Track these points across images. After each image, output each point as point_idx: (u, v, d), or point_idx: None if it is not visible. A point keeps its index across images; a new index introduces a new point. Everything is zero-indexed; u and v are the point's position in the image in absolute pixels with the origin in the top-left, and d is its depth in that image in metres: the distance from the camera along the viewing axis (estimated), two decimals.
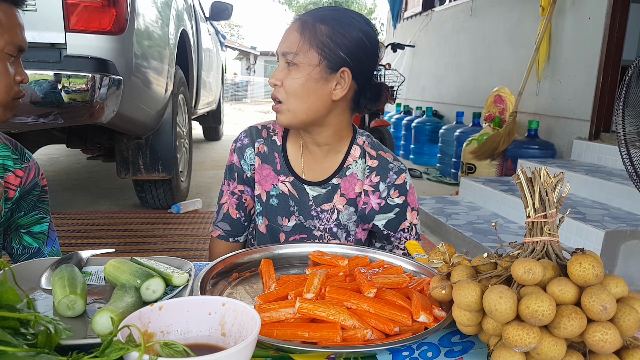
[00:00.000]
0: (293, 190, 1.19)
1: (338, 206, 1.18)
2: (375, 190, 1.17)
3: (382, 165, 1.18)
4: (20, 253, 1.16)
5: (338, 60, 1.05)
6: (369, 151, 1.19)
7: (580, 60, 4.42)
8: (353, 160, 1.18)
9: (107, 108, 2.60)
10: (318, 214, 1.19)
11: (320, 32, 1.04)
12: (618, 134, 2.44)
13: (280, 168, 1.20)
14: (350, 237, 1.19)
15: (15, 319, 0.53)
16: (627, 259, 2.77)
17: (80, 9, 2.47)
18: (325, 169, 1.19)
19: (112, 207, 4.05)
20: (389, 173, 1.17)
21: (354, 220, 1.18)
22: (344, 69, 1.06)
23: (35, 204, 1.17)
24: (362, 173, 1.17)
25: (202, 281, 0.81)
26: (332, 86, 1.07)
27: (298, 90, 1.06)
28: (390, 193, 1.17)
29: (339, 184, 1.18)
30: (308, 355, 0.68)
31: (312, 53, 1.04)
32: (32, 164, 1.15)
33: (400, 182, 1.17)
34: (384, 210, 1.17)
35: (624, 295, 0.62)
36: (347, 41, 1.05)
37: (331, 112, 1.12)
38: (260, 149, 1.21)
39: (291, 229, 1.20)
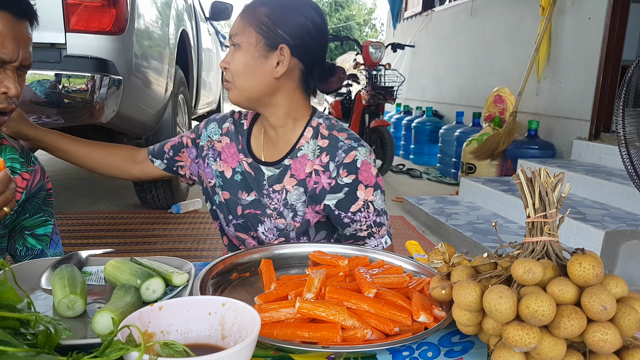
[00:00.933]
0: (250, 170, 1.24)
1: (287, 186, 1.19)
2: (325, 170, 1.17)
3: (332, 144, 1.17)
4: (24, 255, 1.17)
5: (276, 37, 1.11)
6: (322, 132, 1.20)
7: (580, 60, 4.42)
8: (305, 142, 1.20)
9: (107, 108, 2.60)
10: (269, 194, 1.21)
11: (259, 12, 1.11)
12: (618, 134, 2.44)
13: (242, 148, 1.26)
14: (298, 217, 1.19)
15: (15, 319, 0.53)
16: (627, 259, 2.77)
17: (80, 9, 2.47)
18: (279, 151, 1.22)
19: (112, 207, 4.05)
20: (338, 152, 1.16)
21: (303, 200, 1.19)
22: (282, 46, 1.11)
23: (40, 207, 1.18)
24: (312, 153, 1.18)
25: (202, 281, 0.81)
26: (273, 64, 1.11)
27: (240, 69, 1.12)
28: (340, 172, 1.15)
29: (290, 165, 1.20)
30: (308, 355, 0.68)
31: (251, 32, 1.10)
32: (38, 167, 1.16)
33: (349, 160, 1.15)
34: (334, 190, 1.16)
35: (624, 295, 0.62)
36: (287, 20, 1.11)
37: (278, 92, 1.16)
38: (229, 127, 1.29)
39: (249, 203, 1.24)
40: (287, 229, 1.20)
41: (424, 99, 7.94)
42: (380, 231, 1.18)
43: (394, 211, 4.41)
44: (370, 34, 30.20)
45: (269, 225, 1.22)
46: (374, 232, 1.17)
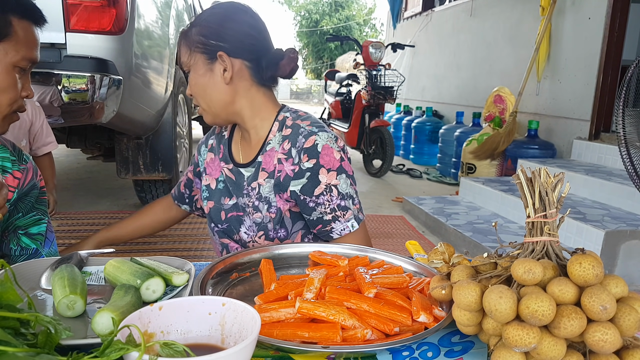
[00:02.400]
0: (231, 175, 1.28)
1: (260, 181, 1.22)
2: (288, 157, 1.19)
3: (293, 132, 1.20)
4: (19, 254, 1.16)
5: (212, 48, 1.16)
6: (287, 123, 1.23)
7: (580, 60, 4.42)
8: (273, 136, 1.23)
9: (107, 108, 2.60)
10: (248, 192, 1.24)
11: (192, 34, 1.17)
12: (618, 134, 2.44)
13: (223, 156, 1.32)
14: (272, 209, 1.21)
15: (15, 319, 0.53)
16: (627, 259, 2.77)
17: (80, 9, 2.47)
18: (253, 150, 1.26)
19: (112, 207, 4.05)
20: (298, 137, 1.18)
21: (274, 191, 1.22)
22: (219, 53, 1.15)
23: (33, 205, 1.17)
24: (278, 145, 1.22)
25: (202, 281, 0.81)
26: (220, 73, 1.16)
27: (198, 91, 1.19)
28: (301, 157, 1.16)
29: (262, 161, 1.23)
30: (308, 355, 0.68)
31: (192, 54, 1.17)
32: (30, 165, 1.15)
33: (309, 145, 1.16)
34: (298, 175, 1.17)
35: (624, 295, 0.62)
36: (217, 30, 1.16)
37: (236, 95, 1.20)
38: (213, 144, 1.36)
39: (230, 207, 1.28)
40: (264, 222, 1.22)
41: (424, 99, 7.94)
42: (346, 215, 1.17)
43: (394, 211, 4.41)
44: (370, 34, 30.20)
45: (249, 222, 1.24)
46: (339, 216, 1.17)
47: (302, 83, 33.04)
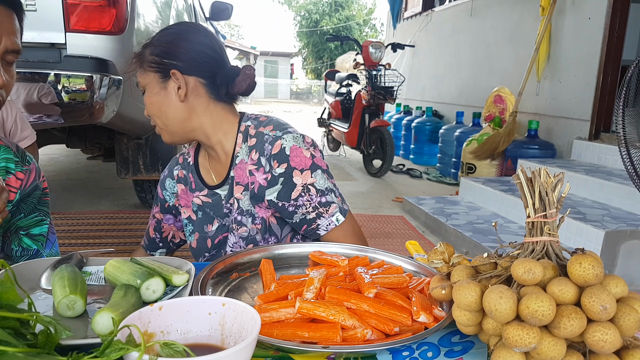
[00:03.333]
0: (207, 199, 1.27)
1: (237, 195, 1.21)
2: (258, 167, 1.17)
3: (259, 141, 1.18)
4: (20, 255, 1.16)
5: (165, 67, 1.15)
6: (251, 132, 1.21)
7: (580, 60, 4.42)
8: (239, 148, 1.21)
9: (107, 108, 2.60)
10: (229, 210, 1.23)
11: (146, 54, 1.17)
12: (618, 134, 2.44)
13: (196, 186, 1.29)
14: (257, 220, 1.20)
15: (15, 319, 0.53)
16: (627, 259, 2.77)
17: (80, 9, 2.47)
18: (224, 168, 1.25)
19: (112, 207, 4.05)
20: (265, 145, 1.17)
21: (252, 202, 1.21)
22: (172, 71, 1.15)
23: (35, 206, 1.17)
24: (247, 156, 1.20)
25: (202, 281, 0.81)
26: (174, 91, 1.16)
27: (153, 110, 1.18)
28: (272, 164, 1.15)
29: (234, 175, 1.22)
30: (308, 355, 0.68)
31: (146, 74, 1.17)
32: (33, 166, 1.15)
33: (276, 150, 1.15)
34: (271, 183, 1.16)
35: (624, 295, 0.62)
36: (169, 49, 1.16)
37: (194, 113, 1.18)
38: (180, 174, 1.34)
39: (214, 232, 1.26)
40: (251, 234, 1.20)
41: (424, 99, 7.94)
42: (329, 210, 1.16)
43: (394, 211, 4.41)
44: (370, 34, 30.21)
45: (234, 239, 1.22)
46: (322, 213, 1.16)
47: (302, 83, 33.06)
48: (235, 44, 24.68)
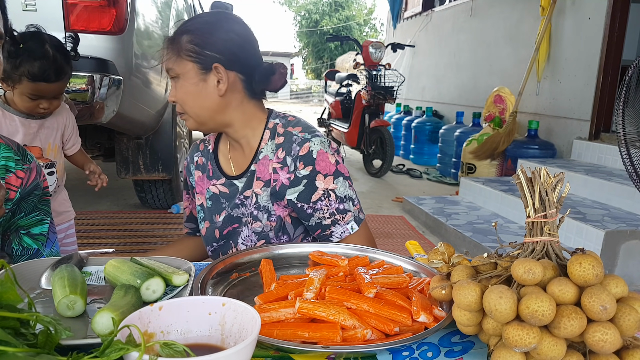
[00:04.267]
0: (224, 189, 1.27)
1: (256, 190, 1.22)
2: (283, 166, 1.18)
3: (287, 140, 1.19)
4: (20, 254, 1.16)
5: (207, 59, 1.13)
6: (279, 130, 1.22)
7: (580, 60, 4.42)
8: (264, 144, 1.22)
9: (107, 108, 2.60)
10: (242, 202, 1.23)
11: (183, 41, 1.13)
12: (618, 134, 2.44)
13: (213, 173, 1.29)
14: (272, 217, 1.21)
15: (15, 319, 0.53)
16: (627, 259, 2.77)
17: (80, 9, 2.47)
18: (246, 160, 1.25)
19: (112, 207, 4.05)
20: (292, 145, 1.18)
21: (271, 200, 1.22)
22: (215, 65, 1.13)
23: (35, 205, 1.17)
24: (272, 153, 1.21)
25: (202, 281, 0.81)
26: (213, 84, 1.15)
27: (187, 99, 1.15)
28: (297, 165, 1.16)
29: (255, 170, 1.22)
30: (308, 355, 0.68)
31: (183, 62, 1.14)
32: (34, 165, 1.15)
33: (303, 152, 1.16)
34: (294, 183, 1.17)
35: (624, 295, 0.62)
36: (210, 40, 1.13)
37: (228, 107, 1.18)
38: (199, 161, 1.34)
39: (221, 223, 1.26)
40: (264, 230, 1.21)
41: (424, 99, 7.94)
42: (345, 217, 1.18)
43: (394, 211, 4.41)
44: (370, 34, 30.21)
45: (247, 232, 1.23)
46: (338, 220, 1.17)
47: (302, 83, 33.05)
48: None
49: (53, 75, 1.66)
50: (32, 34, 1.68)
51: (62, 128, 1.97)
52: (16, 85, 1.68)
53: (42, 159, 1.85)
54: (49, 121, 1.89)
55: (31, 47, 1.63)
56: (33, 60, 1.62)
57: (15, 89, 1.69)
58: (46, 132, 1.88)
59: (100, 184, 2.08)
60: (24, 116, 1.80)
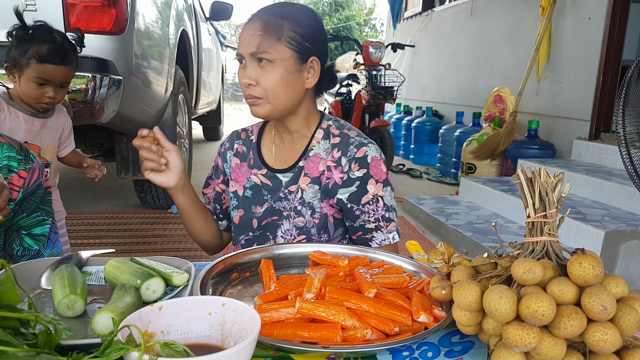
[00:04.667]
0: (266, 181, 1.26)
1: (302, 186, 1.23)
2: (337, 165, 1.21)
3: (343, 141, 1.22)
4: (21, 254, 1.16)
5: (306, 51, 1.14)
6: (333, 131, 1.25)
7: (580, 60, 4.42)
8: (316, 142, 1.24)
9: (107, 108, 2.60)
10: (286, 196, 1.24)
11: (284, 27, 1.11)
12: (618, 134, 2.44)
13: (254, 163, 1.29)
14: (316, 214, 1.22)
15: (15, 319, 0.53)
16: (627, 259, 2.77)
17: (80, 8, 2.47)
18: (294, 155, 1.26)
19: (112, 207, 4.05)
20: (350, 147, 1.20)
21: (319, 197, 1.23)
22: (313, 58, 1.15)
23: (37, 206, 1.17)
24: (325, 152, 1.23)
25: (202, 281, 0.81)
26: (305, 76, 1.16)
27: (277, 85, 1.12)
28: (352, 167, 1.19)
29: (304, 166, 1.24)
30: (308, 355, 0.68)
31: (282, 47, 1.11)
32: (36, 165, 1.15)
33: (360, 155, 1.19)
34: (347, 184, 1.20)
35: (624, 295, 0.62)
36: (309, 31, 1.14)
37: (303, 101, 1.21)
38: (239, 149, 1.33)
39: (262, 214, 1.26)
40: (307, 226, 1.23)
41: (424, 99, 7.94)
42: (389, 226, 1.21)
43: None
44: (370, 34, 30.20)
45: (288, 226, 1.24)
46: (382, 226, 1.20)
47: None
48: (235, 44, 24.66)
49: (60, 58, 1.73)
50: (40, 24, 1.76)
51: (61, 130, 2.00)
52: (24, 70, 1.72)
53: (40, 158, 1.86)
54: (51, 121, 1.92)
55: (40, 33, 1.72)
56: (42, 43, 1.70)
57: (22, 76, 1.73)
58: (47, 132, 1.91)
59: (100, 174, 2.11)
60: (28, 113, 1.83)
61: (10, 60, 1.73)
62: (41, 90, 1.75)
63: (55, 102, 1.82)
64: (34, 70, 1.71)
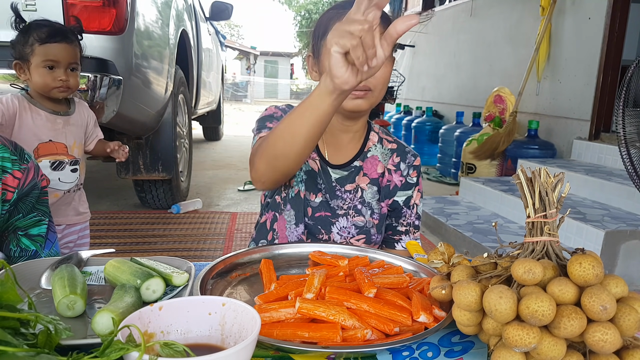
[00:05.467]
0: (319, 168, 1.25)
1: (362, 185, 1.26)
2: (397, 170, 1.28)
3: (400, 149, 1.30)
4: (18, 256, 1.14)
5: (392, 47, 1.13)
6: (385, 137, 1.31)
7: (580, 60, 4.42)
8: (372, 144, 1.28)
9: (107, 108, 2.60)
10: (342, 194, 1.25)
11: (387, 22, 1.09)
12: (618, 134, 2.45)
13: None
14: (375, 215, 1.26)
15: (15, 319, 0.53)
16: (627, 259, 2.77)
17: (80, 9, 2.47)
18: (347, 154, 1.27)
19: (112, 207, 4.05)
20: (408, 155, 1.30)
21: (377, 198, 1.27)
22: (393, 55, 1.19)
23: (34, 206, 1.15)
24: (381, 155, 1.28)
25: (202, 281, 0.81)
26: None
27: (386, 80, 1.15)
28: (410, 173, 1.29)
29: (361, 166, 1.27)
30: (308, 355, 0.68)
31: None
32: (32, 164, 1.14)
33: (417, 163, 1.31)
34: (405, 187, 1.28)
35: (624, 295, 0.62)
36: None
37: None
38: None
39: (318, 205, 1.24)
40: (366, 226, 1.25)
41: (424, 99, 7.94)
42: (415, 233, 1.31)
43: None
44: None
45: (345, 224, 1.24)
46: (410, 232, 1.30)
47: (302, 83, 33.03)
48: (235, 44, 24.67)
49: (60, 36, 1.76)
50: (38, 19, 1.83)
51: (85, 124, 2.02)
52: (31, 60, 1.75)
53: (67, 156, 1.89)
54: (74, 118, 1.94)
55: (38, 21, 1.79)
56: (41, 27, 1.76)
57: (30, 66, 1.76)
58: (71, 129, 1.92)
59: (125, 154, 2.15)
60: (50, 112, 1.85)
61: (16, 54, 1.76)
62: (52, 74, 1.77)
63: (69, 86, 1.82)
64: (39, 55, 1.74)
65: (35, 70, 1.76)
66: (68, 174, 1.89)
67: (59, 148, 1.86)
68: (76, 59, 1.83)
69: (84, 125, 1.99)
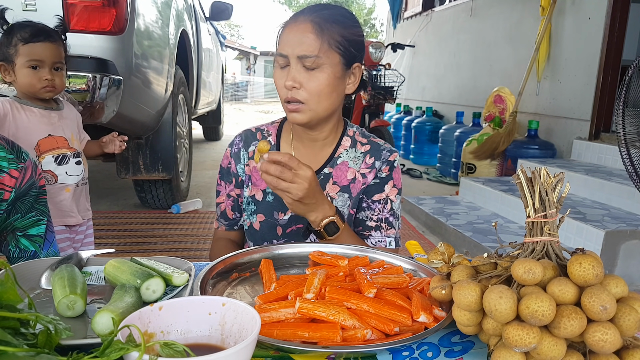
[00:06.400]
0: None
1: (331, 194, 1.22)
2: (371, 169, 1.23)
3: (374, 148, 1.24)
4: (17, 256, 1.13)
5: (352, 57, 1.12)
6: (360, 139, 1.25)
7: (580, 60, 4.41)
8: (344, 150, 1.24)
9: (107, 108, 2.60)
10: None
11: (335, 32, 1.08)
12: (618, 134, 2.45)
13: None
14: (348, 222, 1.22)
15: (15, 319, 0.53)
16: (627, 259, 2.77)
17: (80, 9, 2.47)
18: (317, 161, 1.23)
19: (112, 207, 4.05)
20: (383, 152, 1.24)
21: (348, 204, 1.23)
22: (356, 65, 1.14)
23: (32, 206, 1.14)
24: (352, 161, 1.23)
25: (202, 281, 0.81)
26: (346, 82, 1.15)
27: (324, 90, 1.09)
28: (382, 168, 1.23)
29: (331, 173, 1.23)
30: (308, 355, 0.68)
31: (333, 54, 1.09)
32: (29, 163, 1.12)
33: (392, 159, 1.24)
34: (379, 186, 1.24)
35: (624, 295, 0.62)
36: (355, 37, 1.12)
37: (339, 106, 1.19)
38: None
39: (287, 222, 1.24)
40: None
41: (424, 99, 7.93)
42: (389, 231, 1.22)
43: None
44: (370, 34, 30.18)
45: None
46: (382, 227, 1.22)
47: None
48: (235, 44, 24.66)
49: (43, 35, 1.75)
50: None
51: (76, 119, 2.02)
52: (15, 60, 1.74)
53: (69, 149, 1.90)
54: (65, 112, 1.95)
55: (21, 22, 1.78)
56: (24, 27, 1.75)
57: (15, 67, 1.75)
58: (66, 122, 1.93)
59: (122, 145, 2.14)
60: (42, 108, 1.85)
61: (1, 56, 1.76)
62: (37, 74, 1.75)
63: (55, 85, 1.80)
64: (23, 55, 1.73)
65: (20, 71, 1.75)
66: (73, 166, 1.90)
67: (60, 142, 1.86)
68: (60, 58, 1.82)
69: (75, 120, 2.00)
